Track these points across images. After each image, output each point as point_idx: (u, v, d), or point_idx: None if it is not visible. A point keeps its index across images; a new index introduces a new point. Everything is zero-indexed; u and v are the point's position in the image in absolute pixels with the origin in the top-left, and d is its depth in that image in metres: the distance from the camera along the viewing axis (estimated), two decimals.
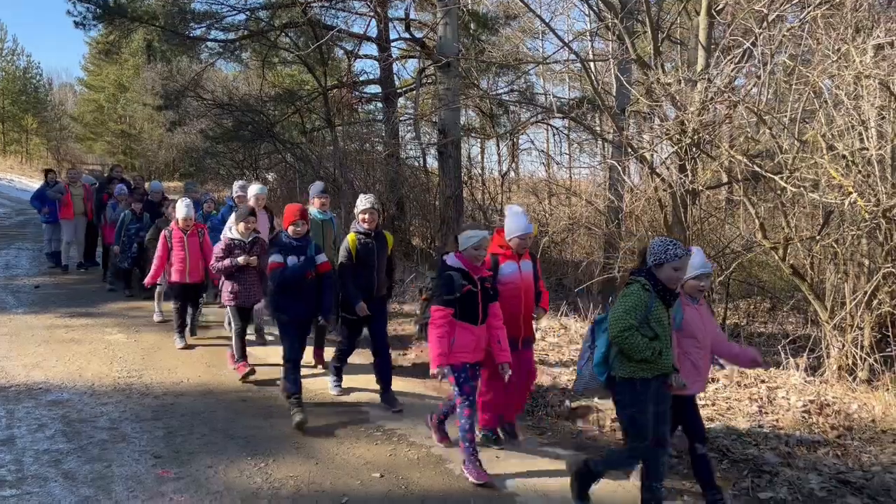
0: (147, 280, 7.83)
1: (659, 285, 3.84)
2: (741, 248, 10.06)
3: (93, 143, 48.79)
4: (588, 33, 18.21)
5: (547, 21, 16.56)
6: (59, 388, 6.12)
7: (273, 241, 5.74)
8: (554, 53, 16.76)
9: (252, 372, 6.41)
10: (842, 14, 6.78)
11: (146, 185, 12.55)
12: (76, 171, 13.46)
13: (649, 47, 10.02)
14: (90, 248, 12.49)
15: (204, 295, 8.25)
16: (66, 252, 12.08)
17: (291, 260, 5.47)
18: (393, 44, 17.40)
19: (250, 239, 6.47)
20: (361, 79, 19.91)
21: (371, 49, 17.93)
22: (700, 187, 8.24)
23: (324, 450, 4.99)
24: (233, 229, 6.47)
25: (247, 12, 17.78)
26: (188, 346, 7.52)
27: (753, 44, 7.49)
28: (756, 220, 7.89)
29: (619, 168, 9.73)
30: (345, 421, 5.54)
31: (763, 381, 6.20)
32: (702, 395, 6.02)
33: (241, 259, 6.35)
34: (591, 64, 14.19)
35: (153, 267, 7.70)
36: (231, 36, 18.79)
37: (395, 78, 18.47)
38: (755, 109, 7.27)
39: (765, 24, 7.57)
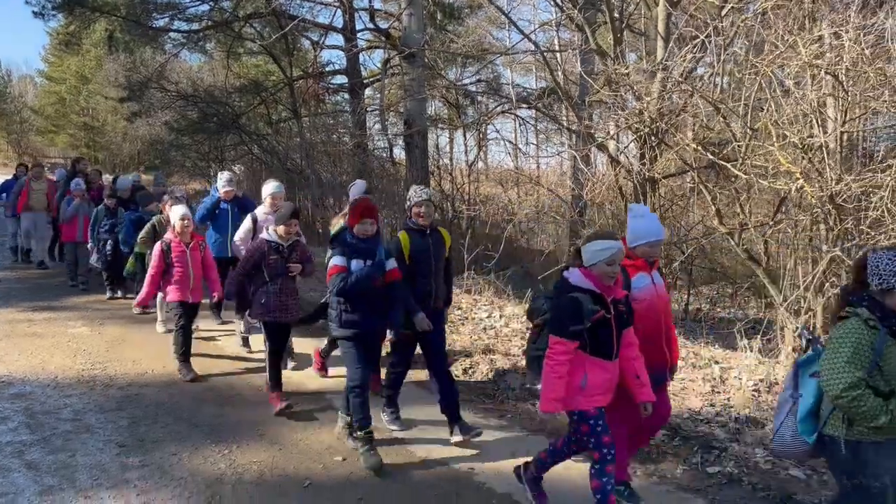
0: (139, 300, 6.86)
1: (890, 317, 2.96)
2: (701, 235, 10.30)
3: (55, 135, 47.84)
4: (553, 23, 18.35)
5: (511, 9, 16.66)
6: (22, 382, 6.11)
7: (335, 241, 4.91)
8: (518, 43, 16.90)
9: (290, 407, 5.45)
10: (790, 6, 6.98)
11: (102, 178, 12.61)
12: (39, 165, 13.23)
13: (611, 38, 10.17)
14: (52, 244, 12.33)
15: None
16: (25, 242, 12.09)
17: (356, 264, 4.63)
18: (359, 34, 17.38)
19: (289, 243, 5.58)
20: (327, 69, 19.86)
21: (337, 39, 17.98)
22: (658, 175, 8.43)
23: (287, 436, 5.07)
24: (269, 230, 5.58)
25: (210, 2, 17.65)
26: (197, 378, 6.27)
27: (708, 35, 7.67)
28: (712, 207, 8.11)
29: (579, 157, 9.88)
30: (308, 408, 5.62)
31: (717, 363, 6.40)
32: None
33: (290, 268, 5.52)
34: (558, 53, 14.35)
35: (146, 285, 6.57)
36: (195, 26, 18.62)
37: (362, 68, 18.47)
38: (710, 99, 7.46)
39: (719, 16, 7.75)
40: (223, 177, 7.99)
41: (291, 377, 6.23)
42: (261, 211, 6.81)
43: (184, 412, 5.50)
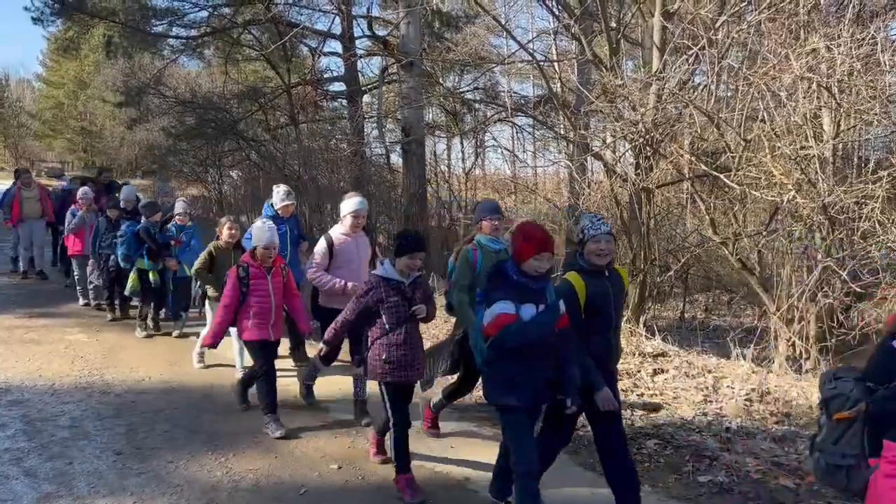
0: (207, 339, 5.64)
1: None
2: (696, 244, 10.38)
3: (52, 140, 48.03)
4: (551, 32, 18.45)
5: (508, 19, 16.74)
6: (20, 388, 6.14)
7: (497, 280, 3.64)
8: (515, 52, 16.98)
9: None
10: (784, 18, 7.07)
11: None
12: (27, 171, 12.58)
13: (608, 48, 10.25)
14: (53, 251, 12.21)
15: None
16: (24, 258, 11.56)
17: (528, 311, 3.54)
18: (357, 41, 17.46)
19: (411, 280, 4.43)
20: (325, 76, 19.94)
21: (335, 46, 17.93)
22: (653, 185, 8.49)
23: (283, 444, 5.10)
24: (385, 264, 4.45)
25: (209, 9, 17.72)
26: (285, 436, 5.19)
27: (703, 47, 7.75)
28: (707, 217, 8.18)
29: (573, 167, 9.96)
30: (305, 416, 5.66)
31: (710, 371, 6.46)
32: (650, 385, 6.30)
33: (415, 311, 4.37)
34: (551, 64, 14.43)
35: (219, 317, 5.45)
36: (193, 32, 18.68)
37: (360, 76, 18.54)
38: (704, 110, 7.53)
39: (714, 28, 7.83)
40: (280, 190, 6.77)
41: (287, 387, 6.27)
42: (337, 232, 5.57)
43: (180, 419, 5.54)
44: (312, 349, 6.42)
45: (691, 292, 12.76)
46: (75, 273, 9.57)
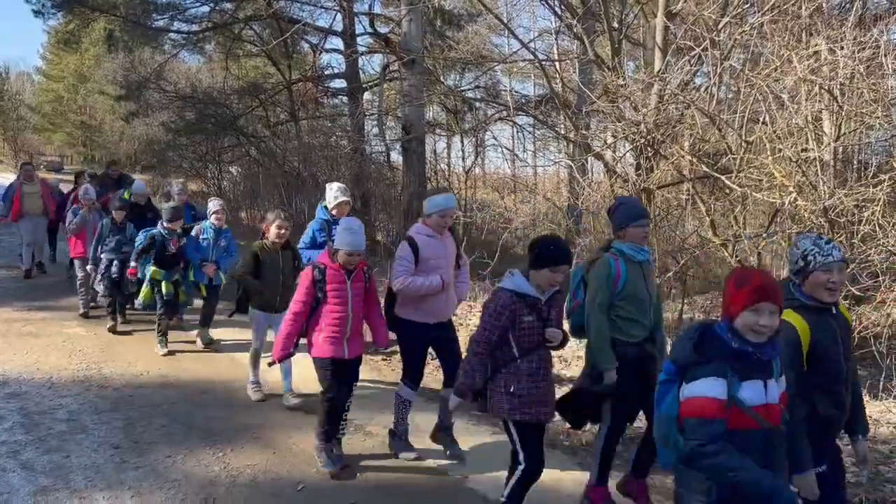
0: (276, 354, 4.61)
1: None
2: (695, 245, 10.39)
3: (52, 133, 47.97)
4: (552, 31, 18.45)
5: (510, 18, 16.74)
6: (17, 381, 6.13)
7: (705, 347, 2.64)
8: (517, 52, 16.99)
9: None
10: (786, 20, 7.07)
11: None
12: (29, 164, 12.13)
13: (609, 48, 10.25)
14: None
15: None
16: (27, 255, 10.98)
17: (751, 391, 2.59)
18: (358, 38, 17.45)
19: (548, 296, 3.70)
20: (326, 73, 19.91)
21: (336, 43, 17.94)
22: (653, 186, 8.50)
23: (282, 440, 5.10)
24: (517, 277, 3.65)
25: (210, 4, 17.70)
26: (340, 473, 4.54)
27: (705, 48, 7.75)
28: (707, 218, 8.18)
29: (574, 167, 9.95)
30: (304, 412, 5.65)
31: None
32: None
33: (549, 335, 3.66)
34: (553, 63, 14.42)
35: (287, 327, 4.55)
36: (194, 27, 18.68)
37: (361, 73, 18.53)
38: (705, 111, 7.54)
39: (716, 29, 7.84)
40: (333, 187, 6.05)
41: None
42: (420, 233, 4.76)
43: (179, 415, 5.53)
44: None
45: (689, 294, 12.77)
46: (78, 278, 8.60)
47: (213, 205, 7.51)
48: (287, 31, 16.41)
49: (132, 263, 7.27)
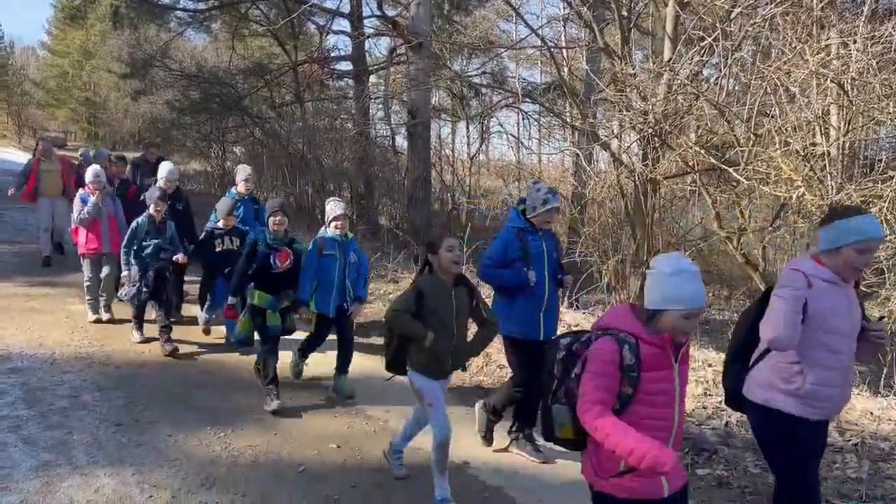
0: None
1: None
2: (699, 237, 10.36)
3: (56, 109, 47.86)
4: (561, 18, 18.33)
5: (519, 3, 16.60)
6: (20, 356, 6.14)
7: None
8: (525, 38, 16.90)
9: None
10: (798, 13, 7.00)
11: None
12: (45, 139, 11.00)
13: (618, 36, 10.18)
14: None
15: None
16: (45, 240, 10.00)
17: None
18: (365, 21, 17.32)
19: None
20: (332, 55, 19.81)
21: (343, 25, 17.81)
22: (660, 176, 8.46)
23: (283, 422, 5.11)
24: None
25: None
26: None
27: (716, 39, 7.68)
28: (712, 210, 8.15)
29: (582, 155, 9.91)
30: (305, 396, 5.66)
31: (710, 365, 6.45)
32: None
33: None
34: (563, 50, 14.33)
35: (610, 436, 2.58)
36: (201, 5, 18.57)
37: (367, 55, 18.43)
38: (714, 102, 7.48)
39: (728, 19, 7.77)
40: (541, 189, 4.60)
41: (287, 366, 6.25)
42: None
43: (181, 394, 5.53)
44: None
45: None
46: (86, 279, 7.37)
47: (336, 207, 5.64)
48: (294, 12, 16.30)
49: (231, 300, 5.57)
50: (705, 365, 6.45)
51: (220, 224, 6.76)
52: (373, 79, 18.77)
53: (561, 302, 6.10)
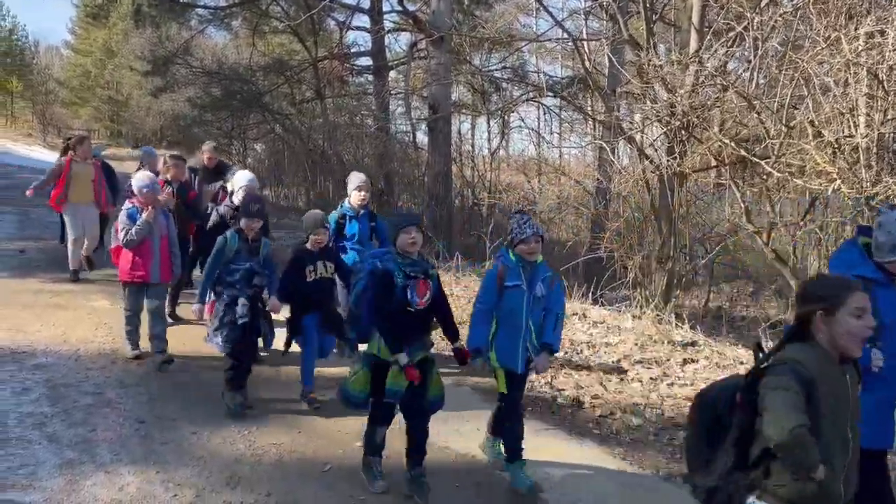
0: None
1: None
2: (726, 232, 10.17)
3: (79, 108, 48.35)
4: (582, 12, 18.13)
5: None
6: (44, 353, 6.12)
7: None
8: (547, 31, 16.74)
9: None
10: (829, 1, 6.81)
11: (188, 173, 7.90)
12: (86, 139, 9.32)
13: (643, 28, 10.01)
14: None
15: None
16: (75, 253, 8.72)
17: None
18: (385, 16, 17.26)
19: None
20: (353, 51, 19.78)
21: (363, 21, 17.78)
22: (687, 170, 8.30)
23: (308, 420, 5.04)
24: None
25: None
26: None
27: (746, 28, 7.50)
28: (742, 204, 7.98)
29: (608, 149, 9.75)
30: (330, 394, 5.58)
31: (742, 363, 6.30)
32: (681, 374, 6.16)
33: None
34: (585, 43, 14.16)
35: None
36: (221, 3, 18.61)
37: (387, 51, 18.36)
38: (744, 94, 7.31)
39: (758, 8, 7.58)
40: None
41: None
42: None
43: (204, 391, 5.49)
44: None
45: (717, 281, 12.57)
46: (126, 310, 6.05)
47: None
48: (314, 8, 16.29)
49: (357, 350, 4.39)
50: (737, 363, 6.31)
51: (309, 245, 5.24)
52: (393, 74, 18.72)
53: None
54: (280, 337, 5.41)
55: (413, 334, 3.91)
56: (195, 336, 6.87)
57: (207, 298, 5.25)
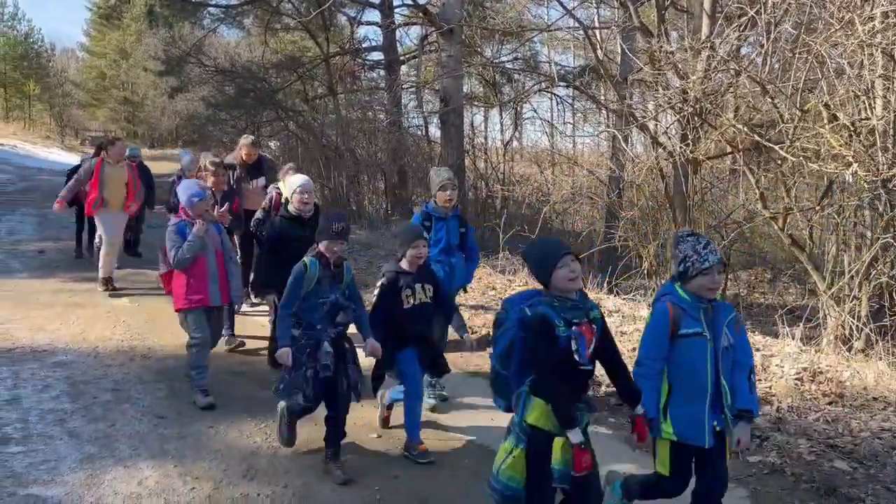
0: None
1: None
2: (742, 219, 10.09)
3: (96, 109, 48.83)
4: (593, 0, 18.00)
5: None
6: (64, 351, 6.21)
7: None
8: (558, 20, 16.63)
9: None
10: None
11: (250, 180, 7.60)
12: (118, 140, 9.00)
13: (654, 15, 9.94)
14: (90, 236, 9.50)
15: None
16: (108, 263, 8.22)
17: None
18: (396, 10, 17.26)
19: None
20: (364, 46, 19.79)
21: (374, 15, 17.80)
22: (701, 157, 8.23)
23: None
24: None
25: None
26: None
27: (758, 12, 7.42)
28: (757, 190, 7.91)
29: (621, 137, 9.70)
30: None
31: (758, 350, 6.26)
32: None
33: None
34: (596, 32, 14.06)
35: None
36: (233, 1, 18.69)
37: (398, 45, 18.36)
38: (758, 78, 7.24)
39: None
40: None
41: None
42: None
43: (221, 386, 5.52)
44: None
45: (733, 268, 12.48)
46: (195, 341, 5.12)
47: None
48: (324, 4, 16.30)
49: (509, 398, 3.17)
50: (753, 349, 6.25)
51: (406, 263, 4.32)
52: (404, 68, 18.71)
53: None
54: None
55: (576, 398, 2.98)
56: None
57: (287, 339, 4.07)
